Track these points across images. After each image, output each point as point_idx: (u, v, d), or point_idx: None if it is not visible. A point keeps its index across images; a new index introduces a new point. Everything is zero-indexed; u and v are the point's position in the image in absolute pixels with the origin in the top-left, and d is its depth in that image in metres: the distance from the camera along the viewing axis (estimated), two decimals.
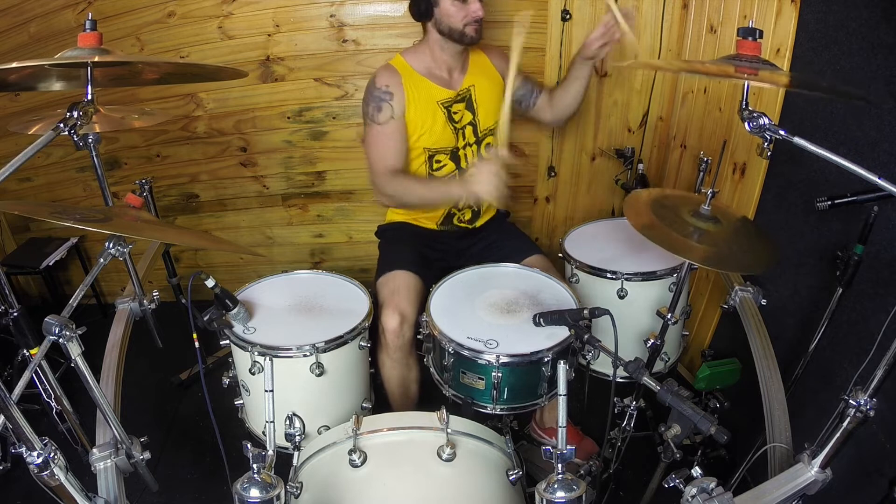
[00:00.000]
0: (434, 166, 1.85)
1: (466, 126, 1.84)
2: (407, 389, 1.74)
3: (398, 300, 1.63)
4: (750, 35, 1.06)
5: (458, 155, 1.85)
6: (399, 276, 1.72)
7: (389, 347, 1.63)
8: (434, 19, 1.71)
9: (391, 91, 1.73)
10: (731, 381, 1.78)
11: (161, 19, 2.21)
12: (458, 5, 1.66)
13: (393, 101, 1.74)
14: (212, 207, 2.65)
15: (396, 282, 1.70)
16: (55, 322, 1.05)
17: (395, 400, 1.75)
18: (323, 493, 1.15)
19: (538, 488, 1.02)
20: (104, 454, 1.22)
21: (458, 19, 1.67)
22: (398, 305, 1.61)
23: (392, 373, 1.69)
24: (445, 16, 1.68)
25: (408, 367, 1.69)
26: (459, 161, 1.86)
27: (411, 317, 1.61)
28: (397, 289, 1.67)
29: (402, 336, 1.61)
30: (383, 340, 1.64)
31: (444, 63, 1.80)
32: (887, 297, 1.31)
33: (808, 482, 1.05)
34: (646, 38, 2.24)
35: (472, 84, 1.83)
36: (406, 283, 1.69)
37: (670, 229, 1.24)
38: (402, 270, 1.73)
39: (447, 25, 1.70)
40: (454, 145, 1.84)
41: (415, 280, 1.71)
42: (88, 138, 1.37)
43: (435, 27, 1.73)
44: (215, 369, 2.28)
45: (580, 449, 1.86)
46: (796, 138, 0.99)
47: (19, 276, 2.68)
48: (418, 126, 1.78)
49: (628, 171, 2.36)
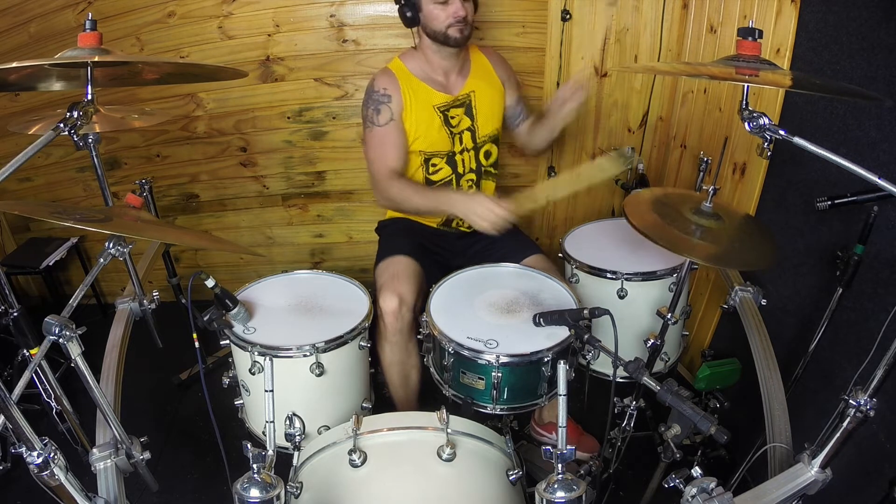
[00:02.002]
0: (430, 169, 1.85)
1: (464, 131, 1.84)
2: (407, 377, 1.72)
3: (396, 283, 1.63)
4: (749, 35, 1.06)
5: (454, 160, 1.85)
6: (398, 260, 1.72)
7: (388, 331, 1.61)
8: (421, 24, 1.72)
9: (389, 94, 1.74)
10: (731, 381, 1.78)
11: (161, 19, 2.21)
12: (440, 7, 1.66)
13: (391, 103, 1.74)
14: (212, 207, 2.65)
15: (395, 266, 1.70)
16: (55, 322, 1.05)
17: (396, 389, 1.74)
18: (323, 493, 1.15)
19: (538, 488, 1.02)
20: (104, 454, 1.22)
21: (440, 21, 1.68)
22: (396, 288, 1.61)
23: (392, 358, 1.67)
24: (429, 19, 1.69)
25: (407, 353, 1.68)
26: (456, 165, 1.86)
27: (410, 300, 1.61)
28: (396, 273, 1.67)
29: (400, 318, 1.60)
30: (382, 325, 1.63)
31: (439, 67, 1.80)
32: (887, 297, 1.31)
33: (808, 482, 1.05)
34: (646, 37, 2.24)
35: (473, 90, 1.84)
36: (405, 267, 1.69)
37: (672, 227, 1.24)
38: (400, 255, 1.73)
39: (432, 28, 1.71)
40: (450, 149, 1.84)
41: (413, 265, 1.71)
42: (88, 138, 1.37)
43: (423, 31, 1.74)
44: (215, 369, 2.28)
45: (581, 445, 1.86)
46: (796, 138, 0.99)
47: (19, 276, 2.68)
48: (413, 129, 1.78)
49: (628, 170, 2.36)
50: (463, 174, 1.86)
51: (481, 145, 1.87)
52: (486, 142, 1.88)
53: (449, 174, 1.86)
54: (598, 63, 2.30)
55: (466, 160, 1.86)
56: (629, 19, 2.21)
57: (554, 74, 2.31)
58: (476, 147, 1.87)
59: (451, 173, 1.86)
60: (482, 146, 1.88)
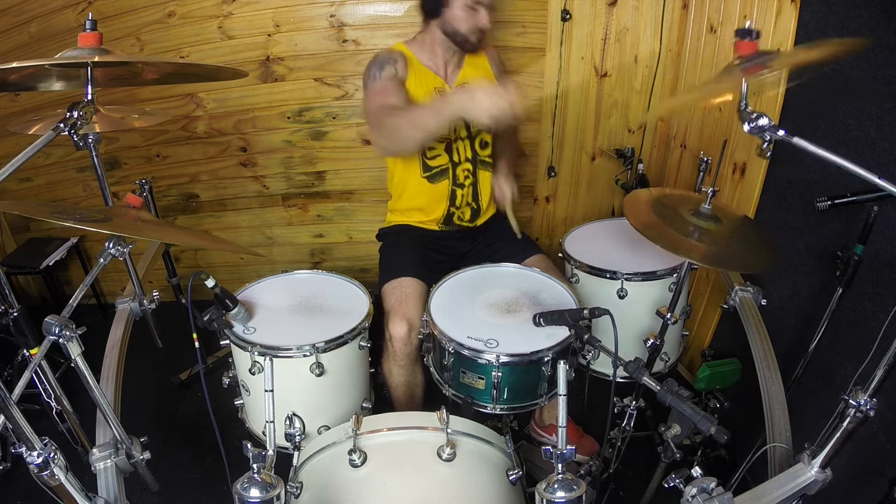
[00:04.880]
0: (428, 154, 1.84)
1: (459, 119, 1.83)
2: (412, 396, 1.74)
3: (406, 308, 1.63)
4: (746, 36, 1.06)
5: (451, 147, 1.85)
6: (405, 283, 1.71)
7: (397, 355, 1.62)
8: (441, 19, 1.72)
9: (396, 59, 1.75)
10: (731, 381, 1.78)
11: (161, 19, 2.21)
12: (469, 12, 1.67)
13: (398, 65, 1.75)
14: (212, 207, 2.65)
15: (403, 290, 1.69)
16: (55, 322, 1.05)
17: (402, 405, 1.75)
18: (323, 493, 1.15)
19: (538, 488, 1.02)
20: (104, 454, 1.22)
21: (465, 25, 1.69)
22: (406, 314, 1.61)
23: (399, 380, 1.69)
24: (453, 19, 1.69)
25: (414, 374, 1.69)
26: (452, 153, 1.85)
27: (418, 324, 1.61)
28: (405, 297, 1.66)
29: (409, 343, 1.61)
30: (390, 348, 1.63)
31: (441, 58, 1.82)
32: (887, 297, 1.31)
33: (808, 482, 1.05)
34: (646, 37, 2.24)
35: (466, 81, 1.84)
36: (413, 290, 1.69)
37: (671, 228, 1.24)
38: (408, 277, 1.72)
39: (453, 28, 1.71)
40: (447, 136, 1.83)
41: (420, 287, 1.71)
42: (88, 138, 1.37)
43: (440, 27, 1.74)
44: (215, 369, 2.28)
45: (580, 446, 1.86)
46: (796, 138, 0.99)
47: (19, 276, 2.68)
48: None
49: (628, 171, 2.36)
50: (459, 163, 1.86)
51: (476, 134, 1.87)
52: (479, 131, 1.88)
53: (446, 162, 1.85)
54: (598, 63, 2.30)
55: (462, 149, 1.86)
56: (629, 19, 2.22)
57: (554, 74, 2.31)
58: (470, 136, 1.86)
59: (448, 162, 1.85)
60: (476, 135, 1.88)
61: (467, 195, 1.89)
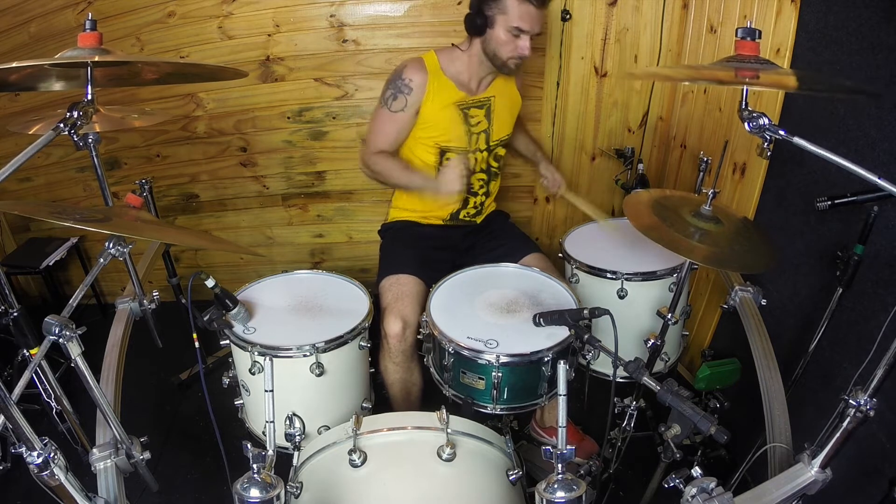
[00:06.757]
0: (444, 162, 1.85)
1: (481, 133, 1.86)
2: (409, 394, 1.74)
3: (401, 306, 1.63)
4: (749, 35, 1.06)
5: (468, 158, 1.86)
6: (403, 280, 1.72)
7: (392, 351, 1.63)
8: (484, 38, 1.72)
9: (412, 87, 1.76)
10: (731, 381, 1.78)
11: (161, 19, 2.21)
12: (511, 38, 1.66)
13: (410, 95, 1.76)
14: (212, 207, 2.65)
15: (400, 287, 1.70)
16: (55, 322, 1.05)
17: (398, 404, 1.76)
18: (323, 493, 1.15)
19: (538, 488, 1.02)
20: (104, 454, 1.22)
21: (506, 50, 1.69)
22: (401, 311, 1.62)
23: (395, 377, 1.69)
24: (495, 41, 1.69)
25: (410, 372, 1.70)
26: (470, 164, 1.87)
27: (414, 322, 1.62)
28: (401, 294, 1.67)
29: (404, 341, 1.62)
30: (386, 345, 1.64)
31: (475, 73, 1.82)
32: (887, 297, 1.31)
33: (808, 482, 1.05)
34: (646, 37, 2.24)
35: (494, 95, 1.86)
36: (410, 288, 1.70)
37: (671, 229, 1.24)
38: (405, 274, 1.73)
39: (493, 50, 1.71)
40: (466, 146, 1.85)
41: (418, 285, 1.72)
42: (88, 138, 1.37)
43: (481, 45, 1.74)
44: (215, 369, 2.28)
45: (580, 448, 1.86)
46: (796, 138, 0.99)
47: (19, 276, 2.68)
48: (431, 123, 1.80)
49: (628, 171, 2.35)
50: (475, 172, 1.88)
51: (493, 148, 1.90)
52: (497, 145, 1.91)
53: None
54: (598, 63, 2.30)
55: (479, 160, 1.89)
56: (629, 19, 2.22)
57: (554, 74, 2.31)
58: (489, 149, 1.90)
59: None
60: (494, 148, 1.91)
61: (478, 202, 1.95)
